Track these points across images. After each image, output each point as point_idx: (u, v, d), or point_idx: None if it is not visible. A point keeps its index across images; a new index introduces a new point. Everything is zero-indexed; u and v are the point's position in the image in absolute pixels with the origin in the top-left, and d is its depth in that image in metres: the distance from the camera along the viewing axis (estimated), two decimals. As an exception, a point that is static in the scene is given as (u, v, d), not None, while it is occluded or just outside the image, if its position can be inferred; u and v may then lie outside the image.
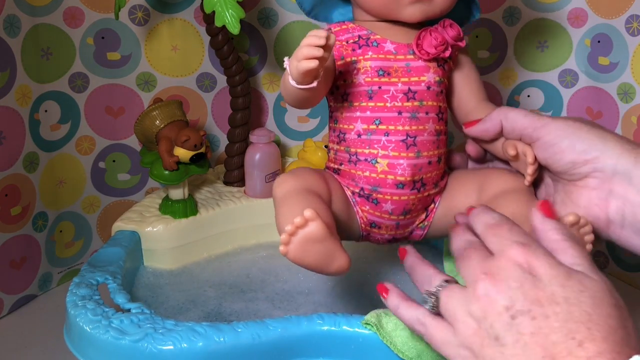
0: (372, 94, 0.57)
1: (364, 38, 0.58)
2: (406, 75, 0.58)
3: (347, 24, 0.60)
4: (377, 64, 0.57)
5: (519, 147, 0.56)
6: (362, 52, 0.58)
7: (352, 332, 0.54)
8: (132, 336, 0.52)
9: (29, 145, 0.78)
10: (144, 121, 0.74)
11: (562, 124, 0.53)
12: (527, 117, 0.55)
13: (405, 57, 0.58)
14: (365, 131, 0.58)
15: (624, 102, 0.83)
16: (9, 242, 0.77)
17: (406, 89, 0.58)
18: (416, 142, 0.58)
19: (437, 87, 0.59)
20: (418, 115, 0.58)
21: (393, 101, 0.57)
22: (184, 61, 0.85)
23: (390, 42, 0.58)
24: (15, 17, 0.74)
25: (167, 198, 0.74)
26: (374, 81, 0.57)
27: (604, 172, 0.50)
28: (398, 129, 0.57)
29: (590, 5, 0.84)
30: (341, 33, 0.59)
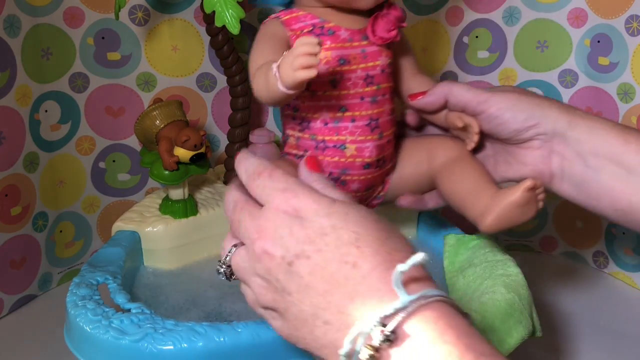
0: (336, 83, 0.58)
1: (319, 27, 0.58)
2: (363, 61, 0.59)
3: (295, 12, 0.59)
4: (337, 53, 0.58)
5: (465, 119, 0.60)
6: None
7: (352, 332, 0.54)
8: (132, 336, 0.52)
9: (29, 145, 0.78)
10: (144, 121, 0.74)
11: (503, 96, 0.58)
12: (470, 92, 0.59)
13: (360, 44, 0.59)
14: (332, 119, 0.59)
15: (624, 102, 0.83)
16: (9, 242, 0.77)
17: (365, 75, 0.59)
18: (379, 124, 0.60)
19: (388, 69, 0.61)
20: (377, 99, 0.60)
21: (355, 88, 0.59)
22: (184, 61, 0.85)
23: (344, 29, 0.59)
24: (16, 17, 0.74)
25: (167, 198, 0.74)
26: (337, 70, 0.58)
27: (545, 134, 0.57)
28: (362, 114, 0.59)
29: (590, 6, 0.84)
30: (293, 22, 0.59)
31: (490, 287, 0.59)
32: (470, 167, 0.61)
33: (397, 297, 0.37)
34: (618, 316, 0.80)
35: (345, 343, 0.37)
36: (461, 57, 0.88)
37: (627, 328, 0.78)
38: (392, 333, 0.36)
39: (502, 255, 0.64)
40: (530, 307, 0.59)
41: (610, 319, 0.79)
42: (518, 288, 0.59)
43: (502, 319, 0.55)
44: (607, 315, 0.80)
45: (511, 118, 0.58)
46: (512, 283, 0.59)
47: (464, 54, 0.87)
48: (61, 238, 0.85)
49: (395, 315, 0.36)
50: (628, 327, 0.78)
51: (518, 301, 0.57)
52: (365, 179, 0.62)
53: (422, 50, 0.86)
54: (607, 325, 0.78)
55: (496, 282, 0.59)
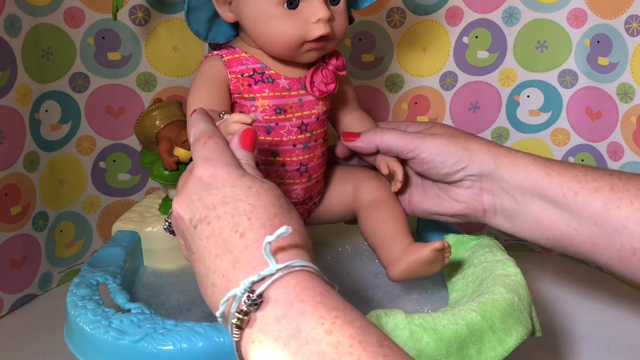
0: (270, 130, 0.60)
1: (259, 73, 0.59)
2: (299, 110, 0.60)
3: (238, 52, 0.60)
4: (274, 102, 0.59)
5: (391, 166, 0.63)
6: (258, 89, 0.59)
7: (351, 332, 0.54)
8: (132, 336, 0.52)
9: (30, 144, 0.78)
10: (144, 121, 0.74)
11: (433, 142, 0.61)
12: (401, 140, 0.62)
13: (298, 93, 0.60)
14: (263, 162, 0.60)
15: (624, 102, 0.83)
16: (9, 242, 0.77)
17: (299, 123, 0.61)
18: (308, 168, 0.63)
19: (324, 116, 0.63)
20: (309, 145, 0.62)
21: (289, 135, 0.60)
22: (184, 61, 0.85)
23: (284, 77, 0.60)
24: (16, 17, 0.74)
25: (167, 198, 0.74)
26: (272, 119, 0.59)
27: (474, 175, 0.61)
28: (293, 159, 0.62)
29: (589, 6, 0.85)
30: (235, 63, 0.59)
31: (490, 287, 0.59)
32: (390, 213, 0.64)
33: (268, 265, 0.40)
34: (618, 316, 0.80)
35: (220, 306, 0.41)
36: (461, 57, 0.88)
37: (627, 328, 0.78)
38: (259, 297, 0.39)
39: (501, 255, 0.64)
40: (529, 307, 0.59)
41: (610, 319, 0.79)
42: (518, 288, 0.59)
43: (502, 319, 0.55)
44: (606, 315, 0.80)
45: (441, 163, 0.61)
46: (511, 283, 0.59)
47: (463, 54, 0.87)
48: (61, 238, 0.85)
49: (262, 282, 0.40)
50: (628, 327, 0.78)
51: (518, 301, 0.57)
52: None
53: (422, 50, 0.87)
54: (607, 325, 0.78)
55: (496, 282, 0.59)
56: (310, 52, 0.58)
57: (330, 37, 0.57)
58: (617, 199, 0.56)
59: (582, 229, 0.58)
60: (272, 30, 0.56)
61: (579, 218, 0.58)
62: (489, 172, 0.61)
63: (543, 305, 0.80)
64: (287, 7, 0.56)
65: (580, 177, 0.58)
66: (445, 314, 0.54)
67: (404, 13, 0.84)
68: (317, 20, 0.56)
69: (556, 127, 0.91)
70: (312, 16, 0.56)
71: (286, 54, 0.58)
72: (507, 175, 0.60)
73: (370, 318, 0.53)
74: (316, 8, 0.56)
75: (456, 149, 0.61)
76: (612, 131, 0.85)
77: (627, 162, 0.83)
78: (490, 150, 0.61)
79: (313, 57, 0.59)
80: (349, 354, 0.36)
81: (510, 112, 0.91)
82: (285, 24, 0.56)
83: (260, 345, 0.39)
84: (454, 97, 0.89)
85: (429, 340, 0.52)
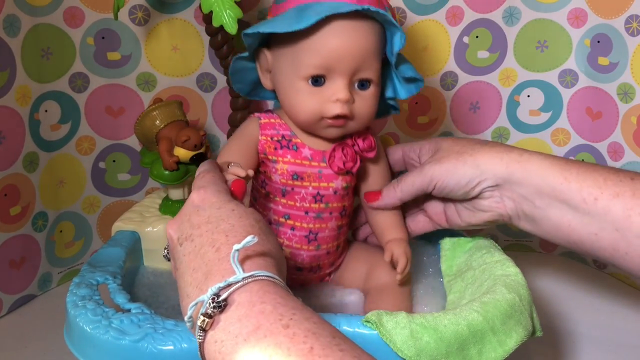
0: (285, 193, 0.64)
1: (287, 139, 0.63)
2: (317, 180, 0.63)
3: (274, 118, 0.64)
4: (292, 169, 0.63)
5: (395, 255, 0.63)
6: (282, 154, 0.63)
7: (352, 332, 0.54)
8: (132, 336, 0.52)
9: (29, 145, 0.78)
10: (144, 121, 0.74)
11: (441, 170, 0.62)
12: (415, 185, 0.64)
13: (319, 164, 0.63)
14: (275, 222, 0.64)
15: (624, 102, 0.83)
16: (9, 242, 0.77)
17: (315, 193, 0.64)
18: (317, 237, 0.65)
19: (343, 191, 0.65)
20: (322, 216, 0.65)
21: (302, 202, 0.64)
22: (184, 61, 0.85)
23: (308, 147, 0.63)
24: (15, 17, 0.74)
25: (167, 198, 0.74)
26: (288, 183, 0.63)
27: (490, 187, 0.61)
28: (303, 226, 0.64)
29: (590, 6, 0.84)
30: (268, 127, 0.64)
31: (491, 287, 0.59)
32: (393, 302, 0.64)
33: (235, 273, 0.43)
34: (618, 316, 0.80)
35: (188, 310, 0.44)
36: (461, 57, 0.87)
37: (627, 328, 0.78)
38: (224, 301, 0.42)
39: (500, 255, 0.64)
40: (530, 307, 0.59)
41: (610, 318, 0.79)
42: (518, 288, 0.59)
43: (503, 320, 0.55)
44: (607, 315, 0.80)
45: (455, 185, 0.62)
46: (512, 283, 0.59)
47: (464, 54, 0.87)
48: (61, 238, 0.85)
49: (228, 288, 0.43)
50: (628, 326, 0.78)
51: (519, 302, 0.57)
52: (297, 278, 0.67)
53: (422, 50, 0.86)
54: (607, 325, 0.78)
55: (497, 282, 0.59)
56: (330, 129, 0.62)
57: (349, 117, 0.60)
58: (638, 205, 0.54)
59: (602, 234, 0.56)
60: (296, 102, 0.61)
61: (599, 224, 0.56)
62: (503, 180, 0.60)
63: (543, 305, 0.80)
64: (312, 83, 0.59)
65: (600, 181, 0.56)
66: (446, 314, 0.54)
67: (404, 13, 0.84)
68: (335, 100, 0.59)
69: (556, 127, 0.91)
70: (332, 95, 0.59)
71: (307, 126, 0.62)
72: (522, 180, 0.59)
73: (371, 316, 0.53)
74: (337, 88, 0.59)
75: (465, 169, 0.61)
76: (613, 131, 0.85)
77: (627, 162, 0.83)
78: (501, 159, 0.60)
79: (334, 134, 0.62)
80: (303, 343, 0.39)
81: (510, 112, 0.91)
82: (308, 99, 0.60)
83: (222, 345, 0.41)
84: (455, 97, 0.89)
85: (429, 339, 0.52)
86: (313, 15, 0.56)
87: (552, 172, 0.58)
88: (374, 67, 0.60)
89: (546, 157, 0.60)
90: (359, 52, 0.58)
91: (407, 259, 0.63)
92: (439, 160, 0.63)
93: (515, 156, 0.60)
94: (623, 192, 0.55)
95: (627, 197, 0.55)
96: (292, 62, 0.60)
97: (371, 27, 0.59)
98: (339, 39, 0.58)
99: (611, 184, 0.56)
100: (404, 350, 0.52)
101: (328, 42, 0.58)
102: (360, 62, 0.59)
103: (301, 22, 0.56)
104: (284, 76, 0.61)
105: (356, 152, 0.64)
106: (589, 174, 0.57)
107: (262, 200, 0.65)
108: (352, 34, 0.58)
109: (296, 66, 0.59)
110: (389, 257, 0.63)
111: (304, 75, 0.59)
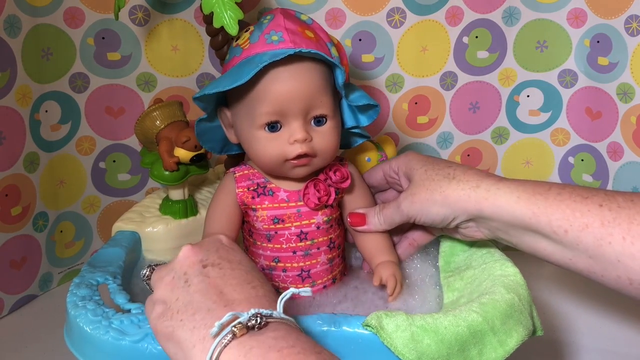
0: (270, 237, 0.65)
1: (262, 186, 0.65)
2: (298, 219, 0.65)
3: (248, 169, 0.67)
4: (272, 213, 0.65)
5: (383, 279, 0.64)
6: (260, 201, 0.65)
7: (351, 332, 0.54)
8: (132, 337, 0.52)
9: (30, 145, 0.78)
10: (144, 121, 0.74)
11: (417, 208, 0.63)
12: (395, 220, 0.65)
13: (296, 204, 0.65)
14: (268, 267, 0.66)
15: (624, 102, 0.83)
16: (10, 242, 0.77)
17: (299, 232, 0.65)
18: (310, 274, 0.66)
19: (326, 225, 0.66)
20: (310, 252, 0.65)
21: (288, 243, 0.65)
22: (184, 61, 0.85)
23: (283, 190, 0.65)
24: (16, 18, 0.74)
25: (167, 198, 0.74)
26: (271, 227, 0.65)
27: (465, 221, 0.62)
28: (294, 265, 0.65)
29: (589, 6, 0.85)
30: (242, 179, 0.66)
31: (490, 287, 0.59)
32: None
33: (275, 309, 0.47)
34: (617, 315, 0.80)
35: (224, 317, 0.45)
36: (461, 57, 0.88)
37: (627, 327, 0.78)
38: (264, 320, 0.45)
39: (499, 255, 0.65)
40: (530, 307, 0.59)
41: (610, 318, 0.79)
42: (517, 288, 0.59)
43: (502, 320, 0.55)
44: (606, 315, 0.80)
45: (432, 222, 0.63)
46: (511, 283, 0.59)
47: (463, 54, 0.88)
48: (61, 238, 0.85)
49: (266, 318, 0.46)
50: (628, 326, 0.78)
51: (518, 301, 0.57)
52: None
53: (422, 50, 0.87)
54: (607, 325, 0.78)
55: (495, 282, 0.59)
56: (297, 169, 0.63)
57: (311, 154, 0.62)
58: (608, 235, 0.54)
59: (577, 259, 0.57)
60: (258, 150, 0.63)
61: (572, 251, 0.57)
62: (475, 216, 0.61)
63: (543, 305, 0.80)
64: (269, 130, 0.61)
65: (568, 213, 0.56)
66: (446, 315, 0.54)
67: (404, 13, 0.85)
68: (293, 142, 0.61)
69: (556, 127, 0.91)
70: (290, 137, 0.61)
71: (274, 171, 0.64)
72: (493, 216, 0.59)
73: (370, 320, 0.54)
74: (293, 130, 0.61)
75: (437, 208, 0.62)
76: (612, 131, 0.85)
77: (626, 162, 0.83)
78: (469, 197, 0.60)
79: (302, 173, 0.64)
80: None
81: (510, 112, 0.91)
82: (268, 145, 0.62)
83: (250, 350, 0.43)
84: (454, 97, 0.89)
85: (430, 342, 0.52)
86: (253, 68, 0.58)
87: (519, 208, 0.58)
88: (325, 102, 0.62)
89: (514, 189, 0.59)
90: (305, 92, 0.60)
91: (395, 280, 0.64)
92: (412, 197, 0.63)
93: (483, 193, 0.60)
94: (591, 222, 0.55)
95: (595, 227, 0.55)
96: (247, 114, 0.62)
97: (313, 67, 0.61)
98: (283, 84, 0.60)
99: (579, 214, 0.56)
100: (405, 354, 0.52)
101: (274, 89, 0.60)
102: (309, 102, 0.60)
103: (242, 77, 0.58)
104: (244, 128, 0.63)
105: (329, 185, 0.65)
106: (556, 207, 0.57)
107: (252, 248, 0.67)
108: (294, 77, 0.60)
109: (251, 117, 0.61)
110: (377, 282, 0.64)
111: (259, 124, 0.61)
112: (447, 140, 0.91)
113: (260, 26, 0.62)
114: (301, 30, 0.61)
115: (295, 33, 0.61)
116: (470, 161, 0.93)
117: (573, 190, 0.58)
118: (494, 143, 0.93)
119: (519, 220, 0.58)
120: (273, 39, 0.60)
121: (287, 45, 0.60)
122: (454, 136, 0.91)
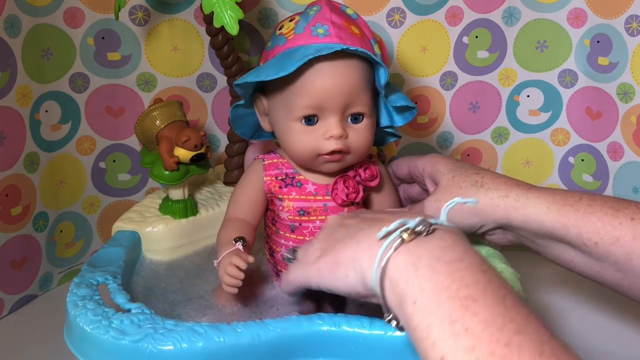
0: (294, 229, 0.65)
1: (290, 177, 0.66)
2: (323, 214, 0.65)
3: (277, 158, 0.67)
4: (298, 205, 0.65)
5: None
6: (287, 192, 0.65)
7: (351, 332, 0.54)
8: (132, 336, 0.52)
9: (30, 145, 0.78)
10: (144, 121, 0.74)
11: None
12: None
13: (323, 198, 0.65)
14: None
15: (624, 102, 0.83)
16: (10, 242, 0.77)
17: None
18: None
19: None
20: None
21: (311, 236, 0.64)
22: (184, 61, 0.85)
23: (311, 183, 0.65)
24: (16, 17, 0.74)
25: (167, 198, 0.74)
26: (296, 219, 0.65)
27: (493, 228, 0.62)
28: None
29: (589, 6, 0.85)
30: (271, 168, 0.66)
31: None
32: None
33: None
34: (617, 315, 0.80)
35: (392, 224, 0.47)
36: (461, 57, 0.88)
37: (627, 327, 0.78)
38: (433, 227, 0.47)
39: (486, 251, 0.65)
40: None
41: (609, 318, 0.79)
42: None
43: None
44: (606, 315, 0.80)
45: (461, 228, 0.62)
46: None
47: (463, 54, 0.88)
48: (61, 238, 0.85)
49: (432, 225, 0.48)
50: (627, 326, 0.78)
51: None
52: None
53: (422, 50, 0.87)
54: (607, 325, 0.78)
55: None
56: (329, 164, 0.63)
57: (345, 151, 0.62)
58: (639, 249, 0.54)
59: (605, 272, 0.57)
60: (292, 142, 0.63)
61: (601, 264, 0.56)
62: (503, 224, 0.61)
63: (542, 305, 0.80)
64: (305, 123, 0.61)
65: (599, 226, 0.55)
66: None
67: (404, 13, 0.85)
68: (329, 137, 0.61)
69: (556, 127, 0.91)
70: (326, 133, 0.61)
71: (305, 163, 0.64)
72: (521, 225, 0.59)
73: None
74: (330, 126, 0.61)
75: (464, 216, 0.61)
76: (612, 131, 0.85)
77: (627, 162, 0.83)
78: (498, 206, 0.60)
79: (333, 168, 0.64)
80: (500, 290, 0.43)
81: (510, 112, 0.91)
82: (303, 138, 0.62)
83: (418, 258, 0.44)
84: (454, 97, 0.89)
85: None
86: (297, 60, 0.58)
87: (548, 218, 0.58)
88: (364, 100, 0.62)
89: (543, 199, 0.59)
90: (346, 89, 0.60)
91: None
92: (439, 204, 0.62)
93: (512, 202, 0.59)
94: (623, 236, 0.54)
95: (627, 240, 0.54)
96: (285, 105, 0.62)
97: (356, 64, 0.61)
98: (326, 79, 0.59)
99: (610, 228, 0.55)
100: None
101: (315, 83, 0.60)
102: (348, 98, 0.60)
103: (286, 68, 0.58)
104: (280, 118, 0.63)
105: (358, 182, 0.65)
106: (587, 219, 0.56)
107: (274, 237, 0.67)
108: (337, 73, 0.60)
109: (289, 108, 0.61)
110: None
111: (296, 116, 0.61)
112: (447, 140, 0.91)
113: (306, 17, 0.62)
114: (347, 25, 0.61)
115: (342, 28, 0.61)
116: (470, 161, 0.93)
117: (604, 202, 0.57)
118: (494, 143, 0.93)
119: (548, 231, 0.58)
120: (319, 32, 0.60)
121: (333, 39, 0.59)
122: (454, 136, 0.91)
